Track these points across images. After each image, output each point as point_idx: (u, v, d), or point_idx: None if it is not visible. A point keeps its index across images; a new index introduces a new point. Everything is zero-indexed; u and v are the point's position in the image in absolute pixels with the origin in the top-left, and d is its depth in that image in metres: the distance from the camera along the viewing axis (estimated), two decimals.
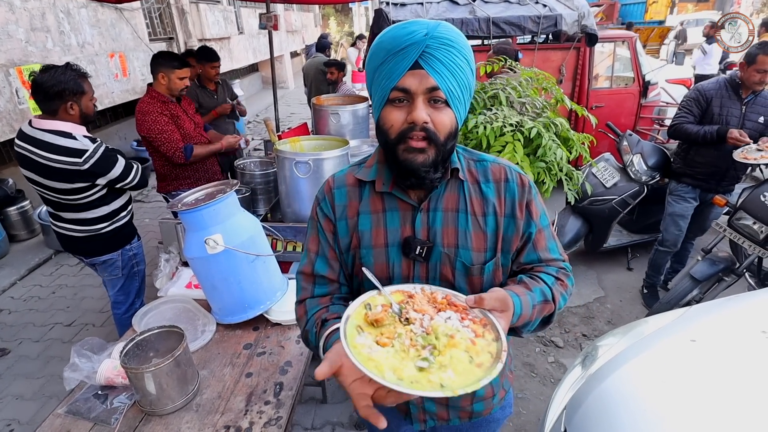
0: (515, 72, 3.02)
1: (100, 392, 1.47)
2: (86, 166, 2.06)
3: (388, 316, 0.84)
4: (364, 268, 0.96)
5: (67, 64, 2.10)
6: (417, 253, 0.98)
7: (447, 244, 0.99)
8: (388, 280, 1.01)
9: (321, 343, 0.93)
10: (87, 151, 2.05)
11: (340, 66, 5.36)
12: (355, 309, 0.86)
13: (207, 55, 3.82)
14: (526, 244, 1.03)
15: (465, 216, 0.99)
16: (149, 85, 2.86)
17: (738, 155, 2.69)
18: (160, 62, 2.78)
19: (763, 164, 2.64)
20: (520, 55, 3.51)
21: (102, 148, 2.11)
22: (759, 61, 2.65)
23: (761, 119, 2.80)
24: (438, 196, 0.99)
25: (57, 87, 2.01)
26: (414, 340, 0.80)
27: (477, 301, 0.85)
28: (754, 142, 2.73)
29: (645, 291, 3.39)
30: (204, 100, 3.88)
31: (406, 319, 0.84)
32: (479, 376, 0.74)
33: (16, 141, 2.08)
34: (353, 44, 11.46)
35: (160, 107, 2.77)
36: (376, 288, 0.92)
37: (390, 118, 0.90)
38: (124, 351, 1.37)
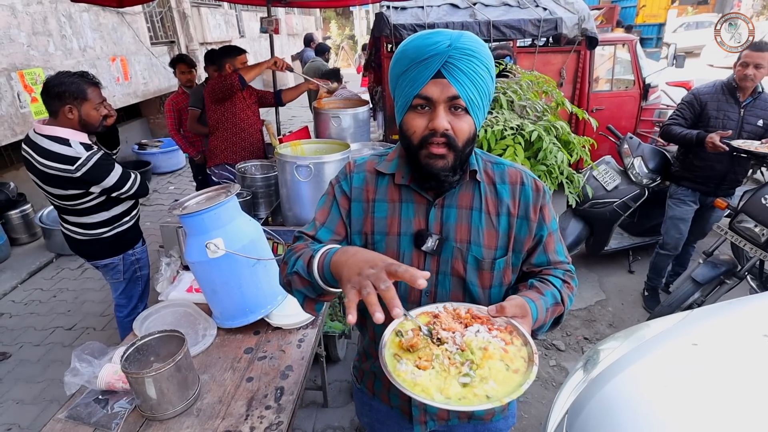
0: (510, 76, 3.03)
1: (100, 397, 1.46)
2: (78, 174, 2.04)
3: (421, 340, 0.87)
4: None
5: (83, 72, 2.12)
6: (429, 245, 1.01)
7: (460, 239, 1.02)
8: None
9: (318, 257, 0.91)
10: (80, 158, 2.03)
11: (335, 77, 5.26)
12: (389, 337, 0.89)
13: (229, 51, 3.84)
14: (537, 246, 1.07)
15: (479, 214, 1.03)
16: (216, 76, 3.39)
17: (738, 143, 2.73)
18: (224, 55, 3.37)
19: (762, 153, 2.66)
20: (508, 60, 3.52)
21: (96, 157, 2.08)
22: (743, 56, 2.68)
23: (760, 122, 2.78)
24: (453, 193, 1.03)
25: (59, 88, 2.01)
26: (452, 358, 0.84)
27: (498, 310, 0.89)
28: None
29: (646, 294, 3.38)
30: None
31: (438, 339, 0.87)
32: (519, 381, 0.80)
33: (22, 145, 2.09)
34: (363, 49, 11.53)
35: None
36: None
37: (413, 125, 0.93)
38: (125, 355, 1.37)
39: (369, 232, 1.06)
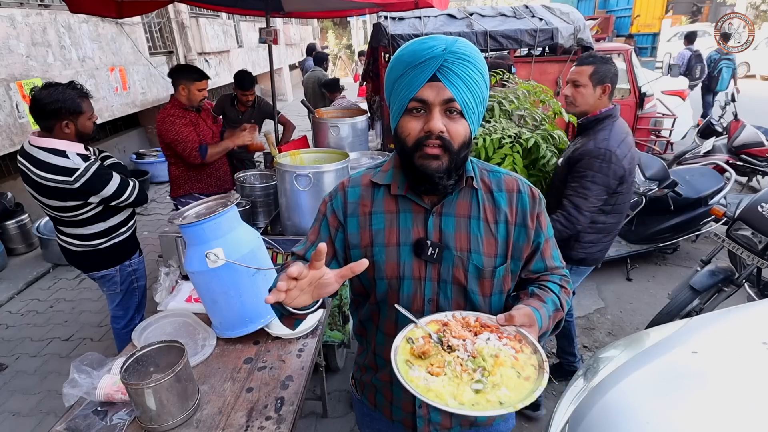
0: (508, 85, 3.05)
1: (99, 408, 1.45)
2: (77, 185, 2.03)
3: (432, 347, 0.89)
4: (397, 305, 1.00)
5: (70, 82, 2.11)
6: (429, 254, 1.01)
7: (459, 248, 1.02)
8: (398, 279, 1.04)
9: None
10: (78, 170, 2.03)
11: (334, 86, 5.48)
12: (400, 344, 0.91)
13: (240, 83, 3.88)
14: (535, 253, 1.09)
15: (477, 222, 1.03)
16: (172, 95, 3.01)
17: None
18: (181, 75, 2.95)
19: None
20: (513, 69, 3.55)
21: (94, 167, 2.08)
22: (571, 70, 2.15)
23: (559, 161, 2.23)
24: (451, 201, 1.03)
25: (54, 105, 1.99)
26: (464, 365, 0.86)
27: (508, 319, 0.91)
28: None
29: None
30: (229, 111, 4.07)
31: (449, 346, 0.89)
32: (531, 388, 0.82)
33: (18, 157, 2.09)
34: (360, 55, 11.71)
35: (180, 113, 2.94)
36: (385, 307, 1.00)
37: (408, 127, 0.95)
38: (125, 366, 1.36)
39: (368, 244, 1.06)
